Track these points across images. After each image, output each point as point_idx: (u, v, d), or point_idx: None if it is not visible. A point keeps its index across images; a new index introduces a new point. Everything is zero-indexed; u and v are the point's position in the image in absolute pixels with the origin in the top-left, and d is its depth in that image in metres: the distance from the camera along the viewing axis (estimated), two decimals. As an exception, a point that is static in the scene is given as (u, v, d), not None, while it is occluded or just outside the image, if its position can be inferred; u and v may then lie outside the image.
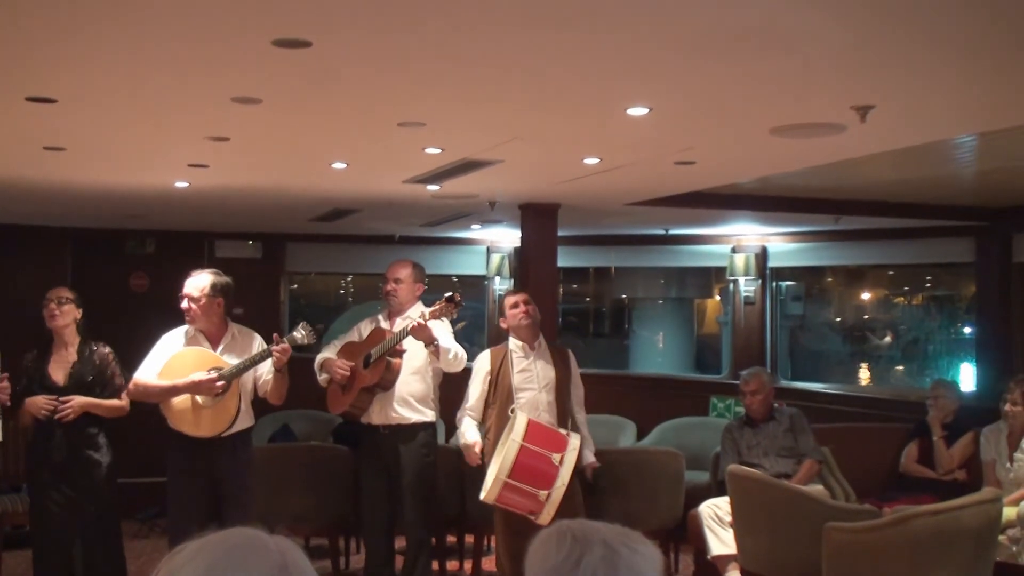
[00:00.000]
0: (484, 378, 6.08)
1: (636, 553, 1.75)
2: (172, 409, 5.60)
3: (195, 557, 1.42)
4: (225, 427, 5.58)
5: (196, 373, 5.52)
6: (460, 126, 4.49)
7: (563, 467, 5.48)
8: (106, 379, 5.64)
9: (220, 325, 5.75)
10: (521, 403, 5.93)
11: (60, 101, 3.98)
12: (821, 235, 8.96)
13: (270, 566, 1.42)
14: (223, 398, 5.56)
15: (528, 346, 6.05)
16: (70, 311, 5.68)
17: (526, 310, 6.04)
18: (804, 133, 4.42)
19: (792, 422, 6.85)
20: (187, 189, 6.43)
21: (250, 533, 1.47)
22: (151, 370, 5.64)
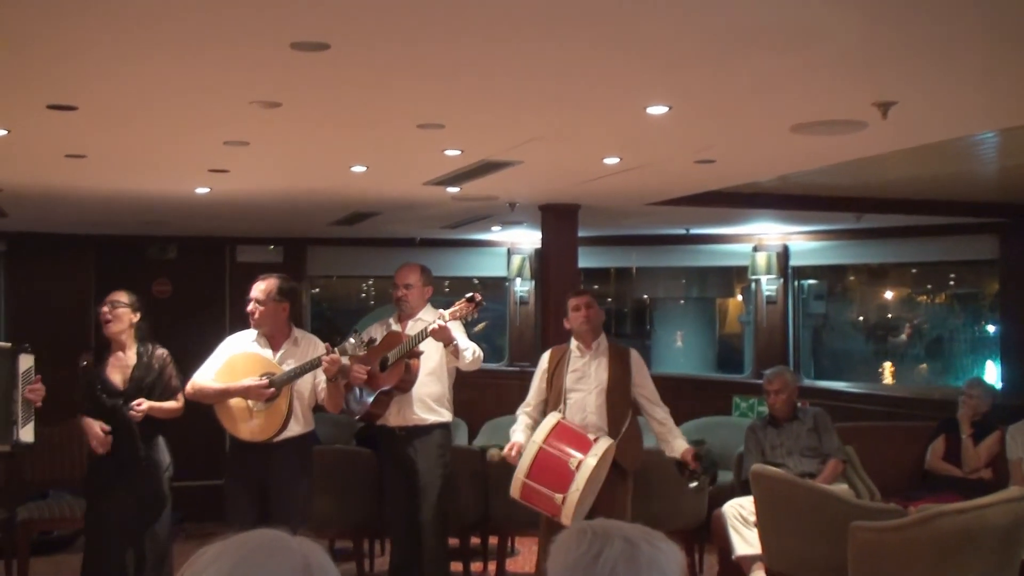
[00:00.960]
0: (542, 376, 6.10)
1: (657, 550, 1.75)
2: (226, 411, 5.65)
3: (218, 558, 1.42)
4: (274, 432, 5.61)
5: (248, 378, 5.56)
6: (479, 127, 4.49)
7: (579, 472, 5.44)
8: (164, 381, 5.65)
9: (284, 329, 5.79)
10: (570, 403, 5.91)
11: (81, 108, 4.00)
12: (843, 233, 8.92)
13: (293, 567, 1.42)
14: (274, 403, 5.59)
15: (585, 346, 6.03)
16: (125, 315, 5.67)
17: (587, 314, 6.00)
18: (825, 130, 4.39)
19: (816, 421, 6.81)
20: (208, 195, 6.46)
21: (273, 534, 1.48)
22: (209, 371, 5.71)
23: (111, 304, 5.68)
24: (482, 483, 7.05)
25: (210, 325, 6.72)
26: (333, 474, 6.90)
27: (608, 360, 6.01)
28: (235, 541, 1.46)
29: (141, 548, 5.61)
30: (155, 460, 5.66)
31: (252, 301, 5.72)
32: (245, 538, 1.46)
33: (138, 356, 5.67)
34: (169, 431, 5.80)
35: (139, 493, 5.58)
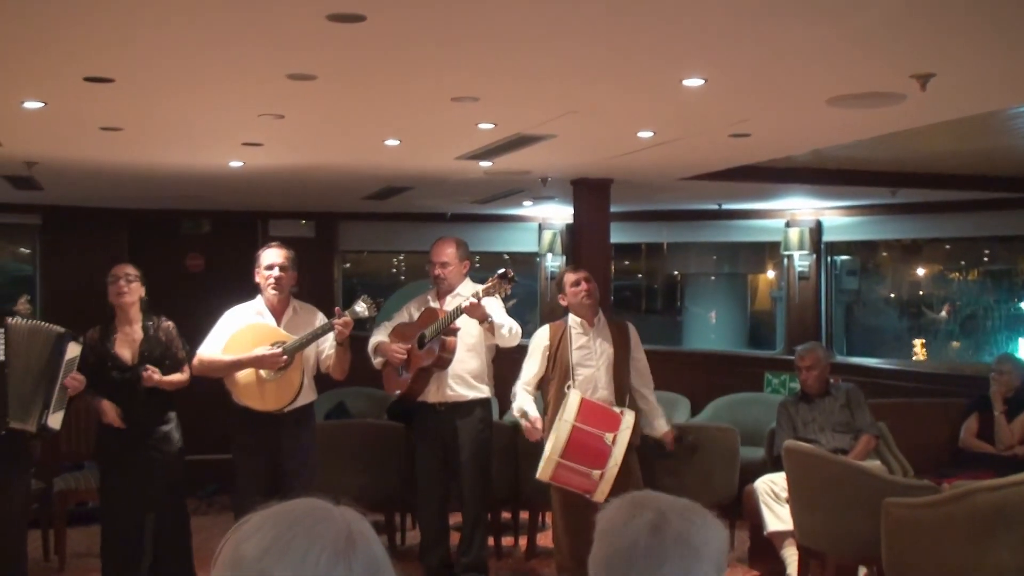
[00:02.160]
0: (542, 353, 6.08)
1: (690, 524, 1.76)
2: (237, 384, 5.68)
3: (261, 527, 1.43)
4: (288, 401, 5.65)
5: (259, 348, 5.59)
6: (514, 100, 4.47)
7: (616, 446, 5.47)
8: (172, 353, 5.69)
9: (285, 300, 5.82)
10: (579, 380, 5.91)
11: (117, 80, 4.01)
12: (877, 208, 8.85)
13: (336, 535, 1.43)
14: (286, 372, 5.62)
15: (587, 323, 6.03)
16: (136, 288, 5.72)
17: (587, 288, 6.01)
18: (862, 103, 4.35)
19: (848, 397, 6.79)
20: (242, 168, 6.47)
21: (316, 503, 1.48)
22: (215, 345, 5.72)
23: (125, 276, 5.72)
24: (513, 458, 7.07)
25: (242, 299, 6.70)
26: (365, 448, 6.95)
27: (611, 334, 6.02)
28: (277, 510, 1.46)
29: (159, 519, 5.67)
30: (166, 433, 5.69)
31: (277, 268, 5.73)
32: (287, 507, 1.47)
33: (144, 330, 5.70)
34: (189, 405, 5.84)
35: (152, 465, 5.63)
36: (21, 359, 5.40)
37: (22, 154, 5.96)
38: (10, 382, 5.36)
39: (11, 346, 5.39)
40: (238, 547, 1.42)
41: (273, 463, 5.69)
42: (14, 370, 5.37)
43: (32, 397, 5.38)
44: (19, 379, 5.38)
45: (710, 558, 1.72)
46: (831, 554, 5.78)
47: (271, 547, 1.40)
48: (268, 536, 1.41)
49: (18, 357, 5.39)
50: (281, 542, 1.40)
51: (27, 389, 5.38)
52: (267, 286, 5.76)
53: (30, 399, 5.38)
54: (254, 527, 1.43)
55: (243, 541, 1.42)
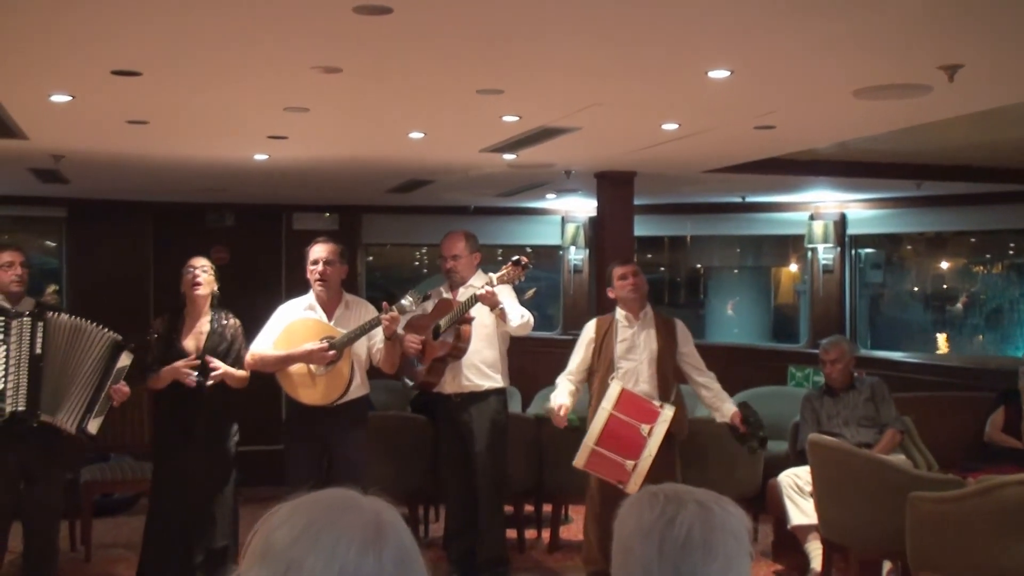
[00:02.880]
0: (587, 345, 6.10)
1: (728, 513, 1.76)
2: (288, 378, 5.72)
3: (291, 517, 1.43)
4: (339, 395, 5.68)
5: (308, 343, 5.62)
6: (538, 92, 4.47)
7: (651, 438, 5.46)
8: (235, 350, 5.72)
9: (336, 294, 5.86)
10: (621, 372, 5.92)
11: (144, 74, 4.04)
12: (902, 201, 8.80)
13: (365, 524, 1.43)
14: (336, 366, 5.65)
15: (633, 316, 6.02)
16: (210, 281, 5.75)
17: (634, 282, 6.00)
18: (889, 95, 4.33)
19: (873, 391, 6.76)
20: (266, 161, 6.50)
21: (344, 492, 1.48)
22: (267, 340, 5.78)
23: (202, 268, 5.75)
24: (536, 451, 7.07)
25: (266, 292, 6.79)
26: (389, 441, 6.95)
27: (656, 330, 6.01)
28: (307, 500, 1.46)
29: (209, 512, 5.69)
30: (223, 426, 5.73)
31: (321, 263, 5.76)
32: (317, 497, 1.47)
33: (211, 324, 5.73)
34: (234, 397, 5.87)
35: (207, 458, 5.66)
36: (60, 356, 5.43)
37: (49, 147, 6.00)
38: (44, 376, 5.39)
39: (50, 341, 5.42)
40: (268, 536, 1.42)
41: (324, 456, 5.73)
42: (50, 365, 5.41)
43: (75, 397, 5.42)
44: (56, 375, 5.41)
45: (746, 546, 1.73)
46: (855, 548, 5.76)
47: (300, 536, 1.40)
48: (298, 525, 1.41)
49: (57, 353, 5.43)
50: (311, 531, 1.40)
51: (67, 387, 5.41)
52: (314, 281, 5.80)
53: (71, 398, 5.41)
54: (284, 516, 1.44)
55: (273, 530, 1.42)
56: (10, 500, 5.54)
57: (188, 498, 5.65)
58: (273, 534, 1.42)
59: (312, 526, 1.41)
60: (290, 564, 1.38)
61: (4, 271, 5.52)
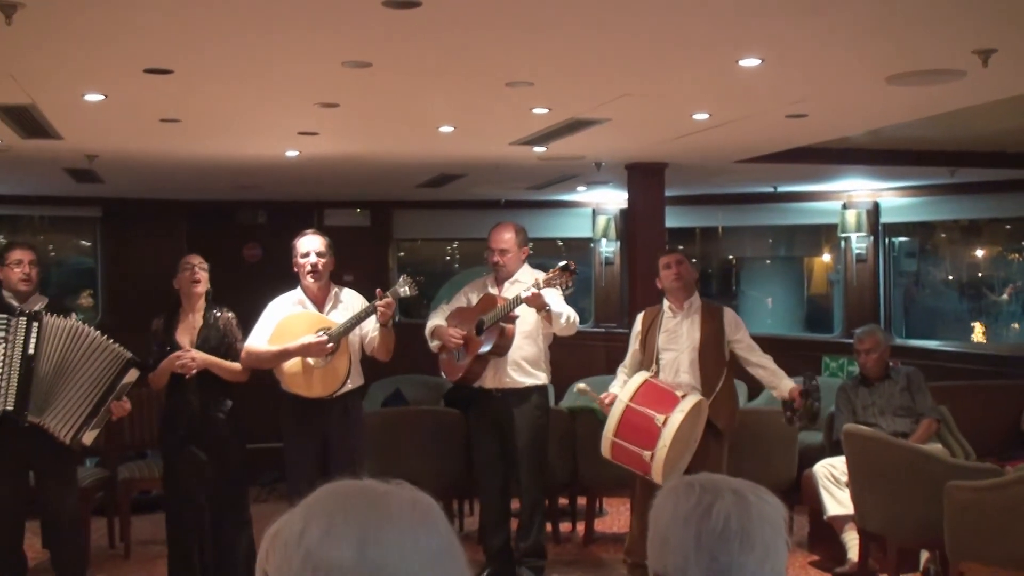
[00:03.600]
0: (636, 338, 6.12)
1: (764, 503, 1.75)
2: (285, 372, 5.71)
3: (334, 527, 1.34)
4: (337, 387, 5.67)
5: (305, 336, 5.61)
6: (568, 84, 4.46)
7: (665, 428, 5.43)
8: (229, 344, 5.74)
9: (326, 287, 5.84)
10: (663, 363, 5.91)
11: (176, 72, 4.06)
12: (936, 189, 8.73)
13: (412, 509, 1.41)
14: (333, 358, 5.64)
15: (677, 306, 6.00)
16: (206, 278, 5.78)
17: (678, 271, 5.97)
18: (922, 81, 4.29)
19: (909, 380, 6.71)
20: (298, 158, 6.53)
21: (367, 484, 1.43)
22: (261, 337, 5.75)
23: (200, 266, 5.77)
24: (571, 444, 7.07)
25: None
26: (422, 435, 6.97)
27: (700, 319, 5.98)
28: (336, 504, 1.38)
29: (218, 507, 5.73)
30: (223, 420, 5.74)
31: (313, 254, 5.74)
32: (342, 496, 1.39)
33: (204, 319, 5.75)
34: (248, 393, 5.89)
35: (210, 452, 5.68)
36: (55, 358, 5.38)
37: (83, 147, 6.06)
38: (36, 376, 5.33)
39: (43, 342, 5.37)
40: (318, 555, 1.33)
41: (323, 448, 5.73)
42: (42, 366, 5.35)
43: (72, 405, 5.37)
44: (49, 377, 5.35)
45: (783, 535, 1.73)
46: (892, 538, 5.73)
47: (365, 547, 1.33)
48: (352, 535, 1.33)
49: (52, 355, 5.37)
50: (370, 537, 1.34)
51: (60, 392, 5.34)
52: (305, 274, 5.77)
53: (66, 404, 5.35)
54: (325, 528, 1.35)
55: (321, 549, 1.33)
56: (13, 496, 5.48)
57: (196, 494, 5.69)
58: (325, 553, 1.33)
59: (368, 530, 1.35)
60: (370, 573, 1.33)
61: (11, 269, 5.54)
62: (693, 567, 1.70)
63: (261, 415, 6.42)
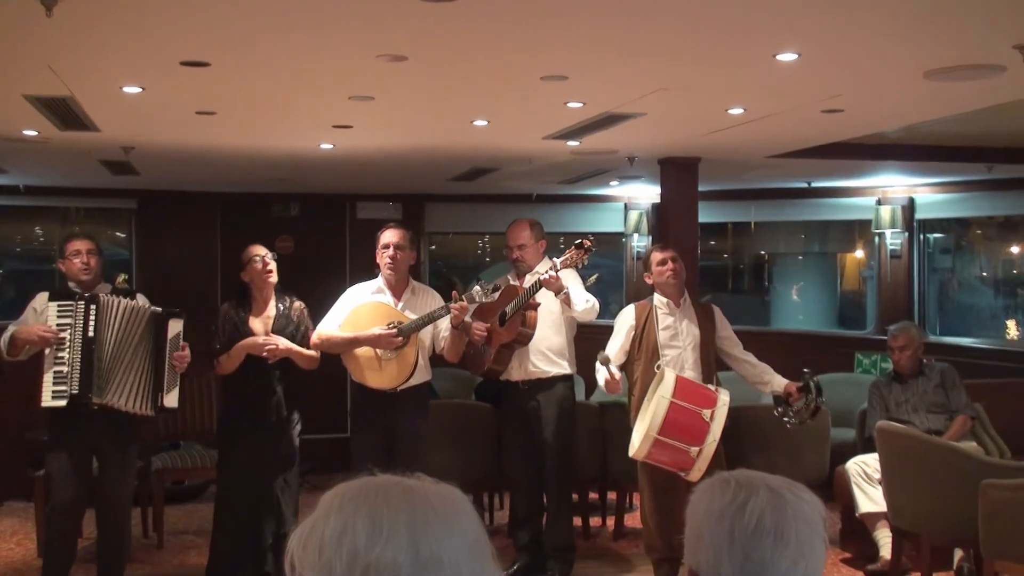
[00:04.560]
0: (627, 332, 6.04)
1: (801, 500, 1.74)
2: (354, 361, 5.78)
3: (377, 526, 1.33)
4: (403, 380, 5.72)
5: (376, 327, 5.67)
6: (603, 78, 4.45)
7: (714, 423, 5.41)
8: (302, 333, 5.78)
9: (404, 280, 5.91)
10: (666, 360, 5.88)
11: (213, 64, 4.08)
12: (972, 185, 8.64)
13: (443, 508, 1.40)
14: (402, 352, 5.70)
15: (673, 303, 5.99)
16: (276, 267, 5.83)
17: (674, 268, 5.96)
18: (961, 76, 4.26)
19: (943, 377, 6.67)
20: (331, 151, 6.55)
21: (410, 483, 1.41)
22: (333, 322, 5.84)
23: (270, 256, 5.81)
24: (600, 439, 7.07)
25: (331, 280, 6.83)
26: (453, 428, 6.99)
27: (697, 316, 5.98)
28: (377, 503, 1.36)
29: (274, 499, 5.75)
30: (287, 412, 5.79)
31: (392, 247, 5.79)
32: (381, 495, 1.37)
33: (277, 308, 5.80)
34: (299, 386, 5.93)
35: (271, 444, 5.72)
36: (114, 338, 5.48)
37: (120, 139, 6.10)
38: (96, 358, 5.43)
39: (102, 324, 5.46)
40: (363, 555, 1.31)
41: (388, 441, 5.78)
42: (102, 348, 5.44)
43: (135, 378, 5.47)
44: (109, 358, 5.43)
45: (820, 534, 1.72)
46: (926, 536, 5.70)
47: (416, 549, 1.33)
48: (402, 535, 1.33)
49: (110, 336, 5.47)
50: (415, 536, 1.33)
51: (120, 369, 5.45)
52: (384, 266, 5.84)
53: (129, 380, 5.46)
54: (368, 527, 1.33)
55: (367, 548, 1.31)
56: (82, 483, 5.62)
57: (255, 486, 5.71)
58: (377, 554, 1.31)
59: (416, 526, 1.34)
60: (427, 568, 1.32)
61: (71, 261, 5.63)
62: (726, 564, 1.70)
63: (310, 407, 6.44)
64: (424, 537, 1.33)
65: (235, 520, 5.76)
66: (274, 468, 5.72)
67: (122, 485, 5.69)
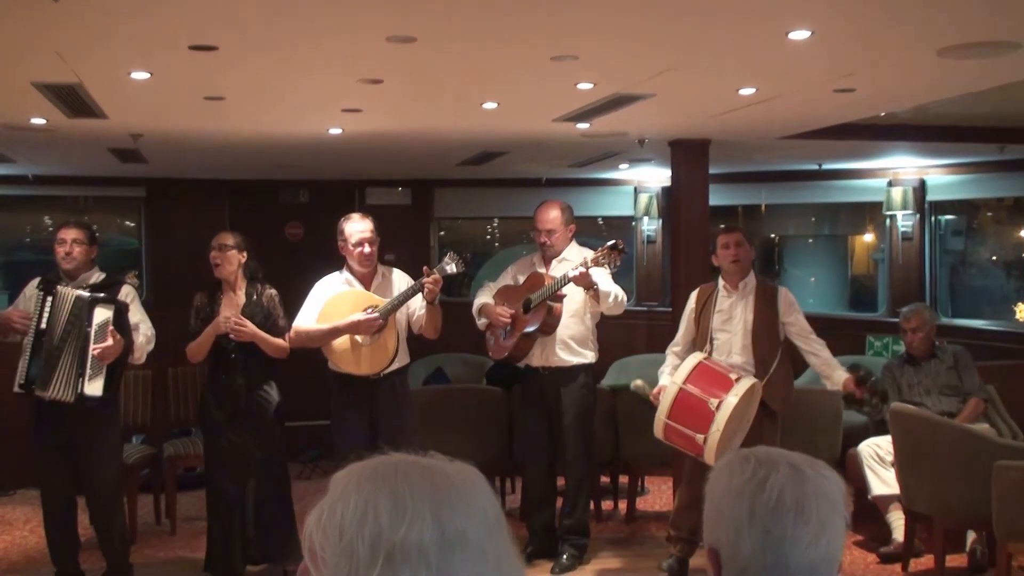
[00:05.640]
0: (689, 316, 6.06)
1: (823, 477, 1.73)
2: (334, 350, 5.74)
3: (399, 506, 1.28)
4: (385, 364, 5.71)
5: (355, 313, 5.64)
6: (613, 58, 4.42)
7: (719, 412, 5.38)
8: (272, 320, 5.77)
9: (372, 267, 5.87)
10: (716, 344, 5.85)
11: (221, 48, 4.06)
12: (984, 166, 8.59)
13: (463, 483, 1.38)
14: (381, 336, 5.67)
15: (731, 286, 5.94)
16: (234, 257, 5.78)
17: (736, 253, 5.88)
18: (975, 53, 4.21)
19: (956, 359, 6.66)
20: (340, 136, 6.53)
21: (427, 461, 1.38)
22: (310, 316, 5.78)
23: (219, 247, 5.80)
24: (613, 423, 7.07)
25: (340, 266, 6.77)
26: (464, 413, 6.99)
27: (755, 300, 5.89)
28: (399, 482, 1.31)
29: (257, 484, 5.77)
30: (264, 396, 5.78)
31: (367, 244, 5.74)
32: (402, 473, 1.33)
33: (247, 296, 5.79)
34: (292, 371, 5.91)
35: (251, 428, 5.73)
36: (59, 328, 5.44)
37: (128, 126, 6.09)
38: (43, 350, 5.42)
39: (54, 315, 5.45)
40: (391, 537, 1.26)
41: (371, 427, 5.76)
42: (49, 339, 5.44)
43: (62, 366, 5.43)
44: (50, 347, 5.43)
45: (841, 511, 1.70)
46: (939, 518, 5.69)
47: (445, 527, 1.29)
48: (425, 512, 1.28)
49: (57, 326, 5.45)
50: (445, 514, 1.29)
51: (56, 357, 5.42)
52: (359, 263, 5.77)
53: (59, 368, 5.43)
54: (389, 507, 1.28)
55: (393, 528, 1.27)
56: (62, 470, 5.63)
57: (237, 471, 5.74)
58: (403, 534, 1.26)
59: (440, 504, 1.30)
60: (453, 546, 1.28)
61: (56, 248, 5.65)
62: (746, 540, 1.68)
63: (304, 393, 6.46)
64: (448, 515, 1.29)
65: (223, 507, 5.80)
66: (252, 454, 5.73)
67: (99, 470, 5.65)
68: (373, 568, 1.25)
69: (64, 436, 5.57)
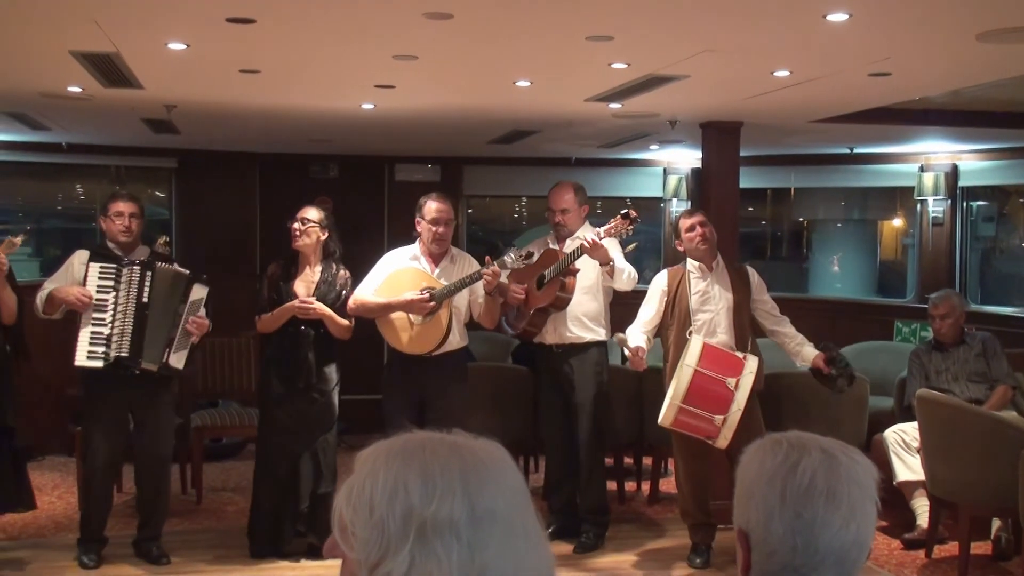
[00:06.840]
0: (660, 298, 6.02)
1: (854, 462, 1.73)
2: (387, 325, 5.81)
3: (430, 483, 1.30)
4: (434, 346, 5.74)
5: (409, 292, 5.68)
6: (649, 38, 4.40)
7: (739, 391, 5.40)
8: (343, 303, 5.82)
9: (444, 248, 5.90)
10: (698, 325, 5.86)
11: (259, 21, 4.07)
12: (1018, 151, 8.51)
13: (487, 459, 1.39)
14: (434, 317, 5.71)
15: (706, 267, 5.95)
16: (314, 232, 5.82)
17: (702, 233, 5.91)
18: (1014, 38, 4.18)
19: (985, 346, 6.62)
20: (372, 111, 6.53)
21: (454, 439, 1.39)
22: (370, 287, 5.87)
23: (301, 221, 5.83)
24: (637, 404, 7.07)
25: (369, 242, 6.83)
26: (489, 391, 7.00)
27: (731, 279, 5.93)
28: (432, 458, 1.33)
29: (313, 458, 5.81)
30: (326, 373, 5.83)
31: (443, 224, 5.81)
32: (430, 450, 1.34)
33: (322, 273, 5.83)
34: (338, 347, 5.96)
35: (308, 405, 5.77)
36: (161, 303, 5.60)
37: (163, 97, 6.12)
38: (148, 324, 5.57)
39: (155, 290, 5.60)
40: (421, 512, 1.28)
41: (420, 406, 5.80)
42: (153, 313, 5.58)
43: (156, 336, 5.58)
44: (156, 323, 5.58)
45: (872, 496, 1.70)
46: (964, 505, 5.68)
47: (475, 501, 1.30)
48: (455, 487, 1.30)
49: (159, 301, 5.59)
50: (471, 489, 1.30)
51: (159, 332, 5.57)
52: (431, 240, 5.84)
53: (155, 339, 5.57)
54: (419, 485, 1.29)
55: (424, 504, 1.28)
56: (118, 442, 5.73)
57: (293, 445, 5.77)
58: (434, 510, 1.28)
59: (469, 479, 1.31)
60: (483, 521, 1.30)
61: (112, 221, 5.70)
62: (776, 522, 1.69)
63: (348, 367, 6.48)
64: (478, 491, 1.31)
65: (275, 480, 5.84)
66: (312, 429, 5.77)
67: (158, 442, 5.78)
68: (405, 543, 1.27)
69: (126, 407, 5.67)
